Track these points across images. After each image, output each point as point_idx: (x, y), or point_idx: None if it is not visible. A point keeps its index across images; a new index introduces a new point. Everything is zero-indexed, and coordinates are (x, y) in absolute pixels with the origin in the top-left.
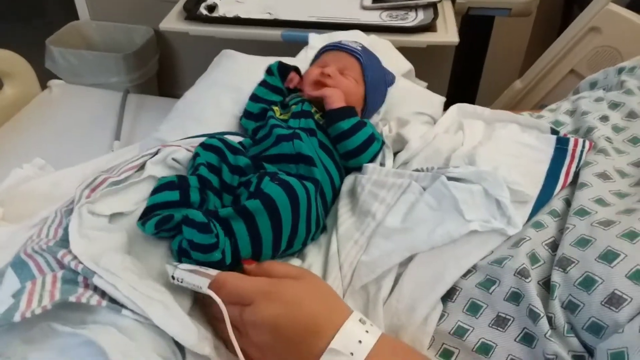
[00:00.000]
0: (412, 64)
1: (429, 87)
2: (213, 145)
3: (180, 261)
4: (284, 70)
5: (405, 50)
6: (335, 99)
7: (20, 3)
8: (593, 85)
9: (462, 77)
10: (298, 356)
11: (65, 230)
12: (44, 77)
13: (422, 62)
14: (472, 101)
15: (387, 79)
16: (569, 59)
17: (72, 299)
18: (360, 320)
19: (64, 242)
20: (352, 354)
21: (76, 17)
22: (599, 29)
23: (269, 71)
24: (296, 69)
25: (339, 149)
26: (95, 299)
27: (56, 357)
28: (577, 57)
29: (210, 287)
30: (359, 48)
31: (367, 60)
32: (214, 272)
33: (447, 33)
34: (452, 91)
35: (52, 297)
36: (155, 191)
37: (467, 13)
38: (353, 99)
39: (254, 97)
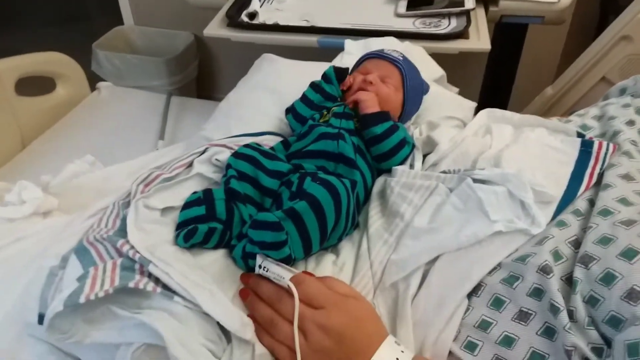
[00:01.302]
0: (444, 69)
1: (461, 93)
2: (246, 154)
3: (246, 265)
4: (338, 74)
5: (438, 57)
6: (370, 104)
7: (66, 7)
8: (622, 92)
9: (494, 84)
10: None
11: (123, 221)
12: (90, 79)
13: (455, 68)
14: (504, 107)
15: (424, 88)
16: (601, 67)
17: (131, 284)
18: (395, 342)
19: (122, 232)
20: None
21: (121, 22)
22: (631, 37)
23: (325, 78)
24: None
25: (372, 151)
26: (150, 286)
27: (115, 336)
28: (609, 65)
29: (290, 280)
30: (401, 58)
31: (407, 70)
32: (294, 270)
33: (479, 40)
34: (484, 97)
35: (113, 283)
36: (184, 207)
37: (500, 21)
38: (392, 106)
39: (309, 103)
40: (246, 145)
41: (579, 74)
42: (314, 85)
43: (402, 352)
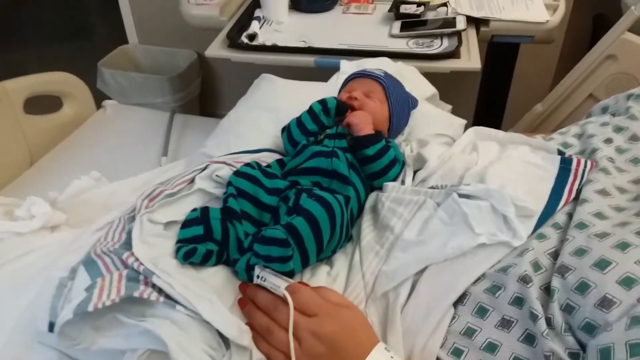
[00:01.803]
0: (439, 88)
1: (455, 110)
2: (247, 172)
3: (249, 277)
4: (339, 108)
5: (432, 75)
6: (362, 126)
7: (70, 24)
8: (604, 110)
9: (488, 101)
10: None
11: (128, 234)
12: (96, 96)
13: (449, 86)
14: (498, 124)
15: (411, 102)
16: (588, 85)
17: (136, 294)
18: (385, 348)
19: (128, 245)
20: None
21: (124, 39)
22: (616, 56)
23: (325, 110)
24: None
25: (365, 170)
26: (154, 296)
27: (121, 342)
28: (595, 83)
29: (286, 289)
30: (382, 74)
31: (389, 84)
32: (289, 280)
33: (470, 60)
34: (479, 114)
35: (119, 292)
36: (183, 226)
37: (491, 40)
38: (379, 118)
39: (304, 130)
40: (247, 164)
41: (567, 91)
42: (312, 114)
43: (392, 357)
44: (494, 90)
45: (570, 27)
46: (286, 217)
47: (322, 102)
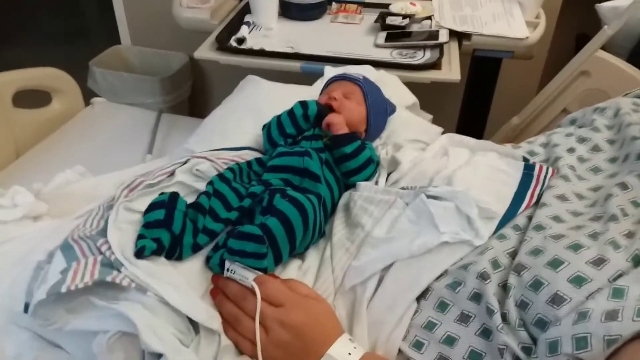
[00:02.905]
0: (422, 98)
1: (437, 120)
2: (227, 177)
3: (221, 270)
4: (320, 114)
5: (415, 85)
6: (341, 126)
7: (66, 25)
8: (573, 122)
9: (471, 113)
10: (305, 356)
11: (106, 222)
12: (86, 94)
13: (433, 97)
14: (480, 135)
15: (388, 108)
16: (562, 99)
17: (109, 279)
18: (349, 339)
19: (104, 232)
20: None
21: (118, 42)
22: (589, 72)
23: (305, 117)
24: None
25: (341, 168)
26: (126, 281)
27: (93, 324)
28: (569, 98)
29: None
30: (361, 77)
31: (367, 87)
32: (257, 272)
33: (451, 71)
34: (461, 125)
35: (92, 276)
36: (149, 208)
37: (473, 54)
38: (356, 117)
39: (283, 132)
40: (230, 169)
41: (542, 105)
42: (292, 117)
43: (355, 348)
44: (476, 103)
45: (554, 45)
46: (260, 218)
47: (304, 106)
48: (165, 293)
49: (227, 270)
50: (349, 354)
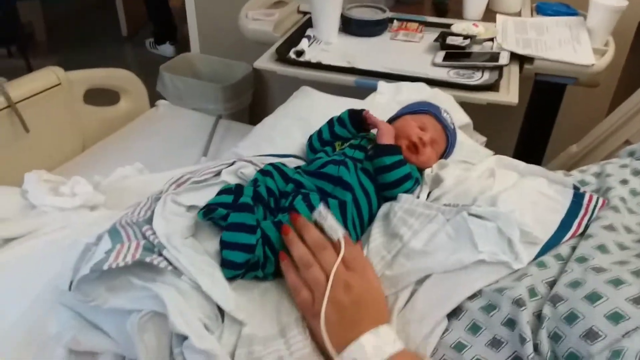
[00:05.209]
0: (478, 120)
1: (494, 143)
2: (269, 171)
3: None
4: (352, 117)
5: (473, 107)
6: (388, 137)
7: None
8: (631, 154)
9: (529, 138)
10: (352, 325)
11: (152, 212)
12: (154, 97)
13: (490, 119)
14: (538, 162)
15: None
16: (625, 130)
17: (148, 260)
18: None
19: (150, 220)
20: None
21: (188, 50)
22: None
23: (340, 121)
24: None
25: (378, 179)
26: (164, 264)
27: (129, 303)
28: (633, 129)
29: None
30: (452, 126)
31: (452, 141)
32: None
33: (509, 94)
34: (519, 150)
35: (133, 257)
36: (218, 193)
37: (535, 78)
38: (423, 164)
39: (322, 141)
40: (271, 164)
41: (604, 135)
42: (331, 123)
43: (394, 340)
44: (536, 128)
45: (624, 74)
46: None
47: (343, 114)
48: (199, 278)
49: (320, 213)
50: (394, 339)
